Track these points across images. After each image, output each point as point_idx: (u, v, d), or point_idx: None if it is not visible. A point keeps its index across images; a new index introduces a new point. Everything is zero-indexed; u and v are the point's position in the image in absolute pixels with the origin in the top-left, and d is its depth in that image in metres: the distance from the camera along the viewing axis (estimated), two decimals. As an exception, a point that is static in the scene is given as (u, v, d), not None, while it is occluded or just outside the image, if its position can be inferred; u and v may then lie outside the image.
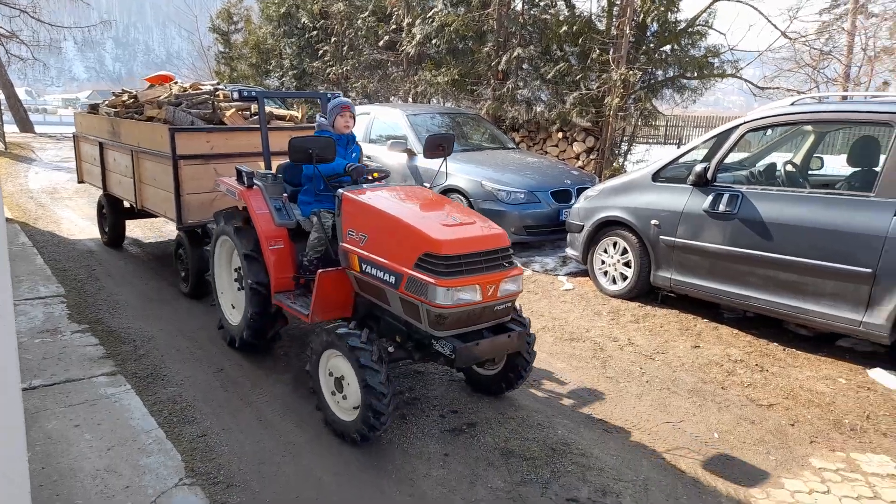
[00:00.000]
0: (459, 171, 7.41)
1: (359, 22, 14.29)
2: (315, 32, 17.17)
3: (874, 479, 3.15)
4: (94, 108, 6.99)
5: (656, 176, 5.59)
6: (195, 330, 4.87)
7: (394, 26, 13.37)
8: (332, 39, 16.17)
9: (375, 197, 3.49)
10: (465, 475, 3.07)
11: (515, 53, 10.06)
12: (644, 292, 5.74)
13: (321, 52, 16.80)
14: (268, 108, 5.95)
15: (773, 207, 4.69)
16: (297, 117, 6.19)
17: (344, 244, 3.48)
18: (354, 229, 3.42)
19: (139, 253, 7.23)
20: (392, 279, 3.14)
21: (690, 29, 9.15)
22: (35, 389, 3.72)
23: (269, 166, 4.44)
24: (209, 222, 5.18)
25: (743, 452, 3.37)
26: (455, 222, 3.20)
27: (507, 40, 10.55)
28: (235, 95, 4.32)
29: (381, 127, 8.90)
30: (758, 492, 3.01)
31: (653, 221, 5.44)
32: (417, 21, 11.92)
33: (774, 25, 9.59)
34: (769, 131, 5.39)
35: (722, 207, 4.93)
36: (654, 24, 8.73)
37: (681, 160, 5.50)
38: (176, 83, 6.73)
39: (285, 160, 4.33)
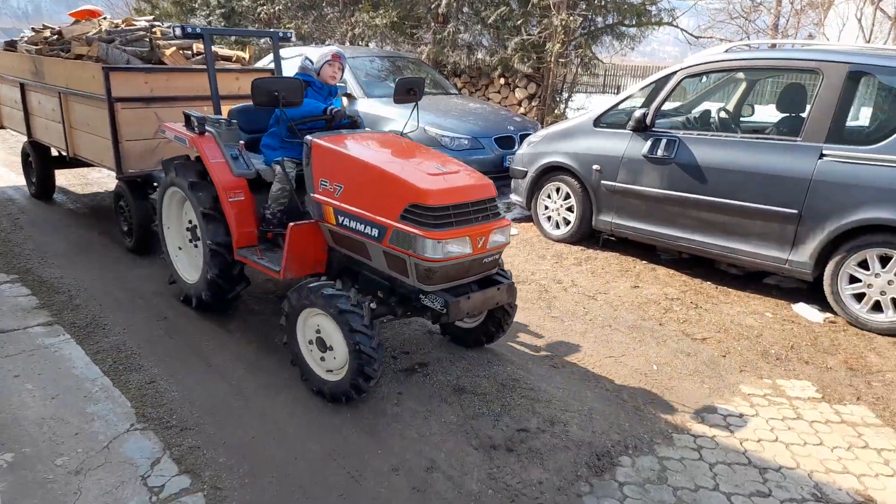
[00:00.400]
0: (402, 116, 7.31)
1: (291, -42, 13.57)
2: (244, -31, 16.21)
3: (797, 402, 3.42)
4: (11, 45, 6.35)
5: (597, 122, 5.68)
6: (133, 279, 4.71)
7: (329, -36, 12.78)
8: (263, -23, 15.31)
9: (351, 144, 3.29)
10: (419, 411, 3.15)
11: (456, -4, 9.84)
12: (586, 236, 5.91)
13: (251, -10, 15.91)
14: (230, 52, 5.68)
15: (707, 152, 4.87)
16: (244, 58, 5.81)
17: (316, 195, 3.28)
18: (328, 179, 3.22)
19: (64, 200, 6.86)
20: (374, 232, 2.99)
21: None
22: (-36, 342, 3.54)
23: (218, 111, 4.15)
24: (153, 171, 4.86)
25: (680, 382, 3.58)
26: (440, 171, 3.06)
27: (447, -18, 10.30)
28: (178, 32, 3.94)
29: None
30: (694, 416, 3.22)
31: (594, 166, 5.56)
32: (354, -41, 11.43)
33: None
34: (704, 78, 5.53)
35: (660, 152, 5.09)
36: (595, -32, 8.69)
37: (620, 106, 5.61)
38: (105, 18, 6.22)
39: (234, 105, 4.14)
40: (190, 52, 5.46)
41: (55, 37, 5.84)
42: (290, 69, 6.30)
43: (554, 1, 8.71)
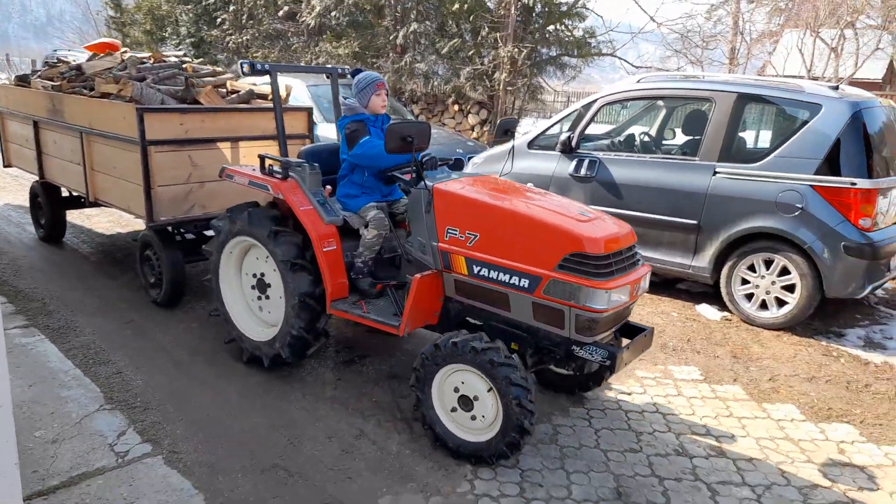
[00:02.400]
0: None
1: (258, -9, 14.20)
2: (212, 0, 16.82)
3: (681, 383, 3.99)
4: (23, 80, 5.97)
5: (531, 144, 6.29)
6: (101, 288, 5.14)
7: (294, -3, 13.44)
8: (231, 7, 15.93)
9: (480, 190, 3.18)
10: (354, 393, 3.65)
11: (412, 28, 10.55)
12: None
13: (219, 20, 16.51)
14: (246, 85, 5.27)
15: (622, 171, 5.50)
16: (281, 95, 5.45)
17: (441, 244, 3.13)
18: (457, 227, 3.07)
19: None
20: (524, 283, 2.86)
21: (572, 11, 9.96)
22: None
23: (285, 153, 3.92)
24: (190, 220, 4.62)
25: (584, 367, 4.13)
26: (587, 217, 2.99)
27: (404, 15, 11.00)
28: (245, 68, 3.66)
29: (283, 97, 9.15)
30: (590, 395, 3.76)
31: (528, 185, 6.15)
32: (317, -8, 12.10)
33: (643, 9, 10.60)
34: (627, 104, 6.20)
35: (583, 171, 5.71)
36: (539, 5, 9.44)
37: (550, 130, 6.23)
38: (124, 52, 5.92)
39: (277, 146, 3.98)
40: (224, 91, 5.12)
41: (73, 72, 5.46)
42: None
43: (501, 34, 9.42)
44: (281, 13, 13.96)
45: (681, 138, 6.14)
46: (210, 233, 4.75)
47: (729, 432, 3.42)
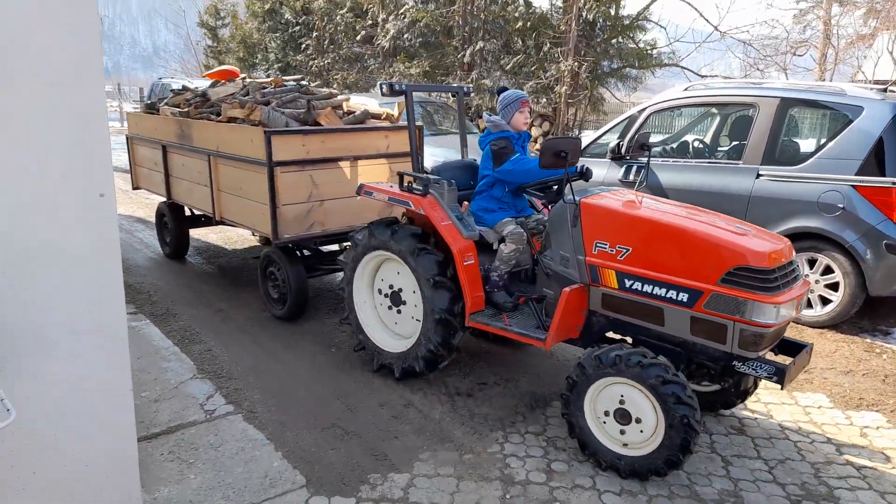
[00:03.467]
0: (430, 153, 8.42)
1: (338, 18, 15.23)
2: (298, 28, 18.09)
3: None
4: (151, 108, 6.41)
5: (583, 152, 6.61)
6: (195, 283, 5.88)
7: (370, 22, 14.33)
8: (314, 34, 17.08)
9: (629, 204, 3.24)
10: (422, 390, 4.12)
11: (479, 46, 11.08)
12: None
13: (304, 46, 17.71)
14: (361, 105, 5.55)
15: (670, 176, 5.74)
16: (393, 115, 5.49)
17: (589, 258, 3.17)
18: (607, 241, 3.11)
19: (128, 224, 8.21)
20: (683, 297, 2.87)
21: (634, 24, 10.20)
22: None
23: (421, 169, 4.01)
24: (311, 237, 4.78)
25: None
26: (744, 231, 3.01)
27: (471, 35, 11.55)
28: (385, 89, 3.72)
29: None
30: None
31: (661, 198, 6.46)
32: (391, 17, 12.90)
33: (706, 20, 10.66)
34: (678, 112, 6.42)
35: (632, 177, 5.98)
36: (601, 19, 9.75)
37: (601, 139, 6.54)
38: (244, 78, 6.30)
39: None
40: (341, 112, 5.33)
41: (199, 98, 5.76)
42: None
43: (563, 49, 9.78)
44: (359, 37, 14.89)
45: (727, 143, 6.29)
46: (328, 248, 5.48)
47: (753, 416, 3.63)
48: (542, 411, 3.63)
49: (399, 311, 3.90)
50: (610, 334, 3.44)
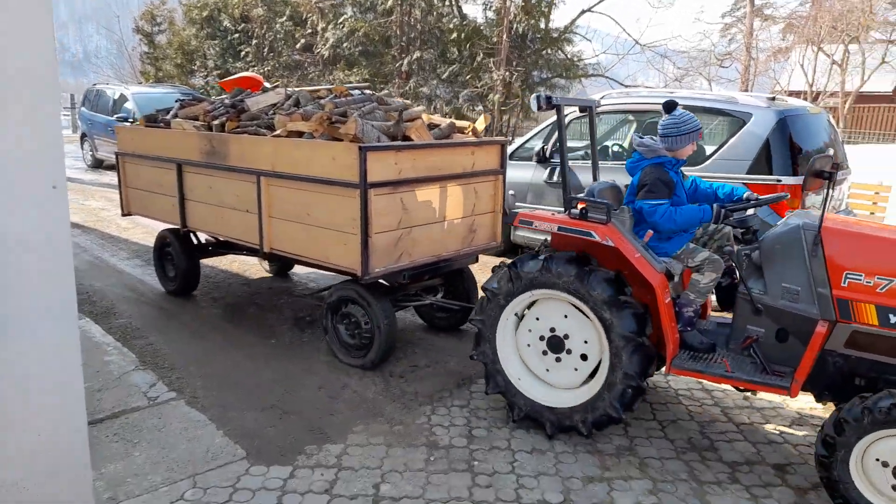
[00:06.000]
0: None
1: (277, 26, 15.36)
2: (237, 35, 18.08)
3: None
4: (152, 121, 5.54)
5: (511, 156, 7.05)
6: (136, 284, 5.99)
7: (309, 30, 14.53)
8: (254, 42, 17.13)
9: (879, 230, 3.01)
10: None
11: (416, 56, 11.46)
12: (509, 249, 7.21)
13: (243, 53, 17.72)
14: (444, 119, 4.96)
15: (585, 176, 6.21)
16: (478, 130, 4.88)
17: (839, 291, 2.87)
18: (862, 272, 2.83)
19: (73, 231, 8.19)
20: None
21: (563, 36, 10.80)
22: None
23: (567, 194, 3.45)
24: (400, 270, 4.09)
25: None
26: None
27: (409, 44, 11.94)
28: (543, 103, 3.30)
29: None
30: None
31: (510, 192, 6.90)
32: (330, 26, 13.15)
33: (629, 34, 11.39)
34: (599, 118, 6.92)
35: (555, 178, 6.44)
36: (530, 32, 10.30)
37: (528, 143, 6.99)
38: (267, 87, 5.57)
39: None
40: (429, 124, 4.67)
41: (230, 110, 4.91)
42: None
43: (495, 59, 10.27)
44: (298, 45, 15.07)
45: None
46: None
47: (653, 385, 4.07)
48: (468, 388, 3.98)
49: (558, 360, 3.34)
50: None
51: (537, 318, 3.36)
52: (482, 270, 5.31)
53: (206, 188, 4.89)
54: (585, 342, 3.24)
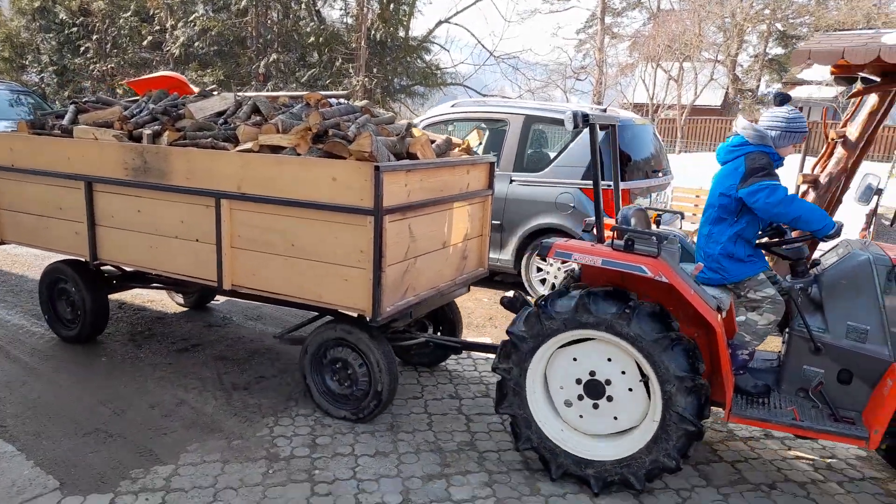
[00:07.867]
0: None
1: (121, 21, 14.31)
2: (75, 29, 16.60)
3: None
4: (39, 127, 4.45)
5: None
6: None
7: (157, 27, 13.67)
8: (95, 37, 15.82)
9: None
10: (182, 373, 4.16)
11: (273, 58, 11.15)
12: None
13: (83, 48, 16.31)
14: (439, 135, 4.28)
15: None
16: (471, 145, 4.41)
17: None
18: None
19: None
20: None
21: (421, 45, 10.99)
22: None
23: (600, 221, 3.13)
24: (406, 308, 3.53)
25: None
26: None
27: (265, 46, 11.60)
28: (579, 121, 2.90)
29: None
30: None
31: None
32: (180, 23, 12.46)
33: (483, 46, 11.85)
34: (450, 126, 7.11)
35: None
36: (389, 39, 10.39)
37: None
38: (213, 91, 4.74)
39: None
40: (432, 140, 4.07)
41: (165, 118, 4.05)
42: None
43: (354, 65, 10.24)
44: (146, 42, 14.13)
45: (490, 153, 7.11)
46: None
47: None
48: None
49: (596, 406, 3.00)
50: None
51: (575, 359, 3.00)
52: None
53: (131, 212, 4.02)
54: (630, 390, 2.91)
